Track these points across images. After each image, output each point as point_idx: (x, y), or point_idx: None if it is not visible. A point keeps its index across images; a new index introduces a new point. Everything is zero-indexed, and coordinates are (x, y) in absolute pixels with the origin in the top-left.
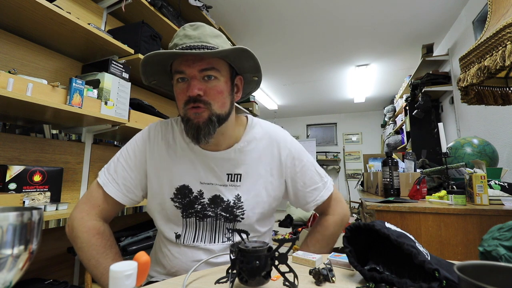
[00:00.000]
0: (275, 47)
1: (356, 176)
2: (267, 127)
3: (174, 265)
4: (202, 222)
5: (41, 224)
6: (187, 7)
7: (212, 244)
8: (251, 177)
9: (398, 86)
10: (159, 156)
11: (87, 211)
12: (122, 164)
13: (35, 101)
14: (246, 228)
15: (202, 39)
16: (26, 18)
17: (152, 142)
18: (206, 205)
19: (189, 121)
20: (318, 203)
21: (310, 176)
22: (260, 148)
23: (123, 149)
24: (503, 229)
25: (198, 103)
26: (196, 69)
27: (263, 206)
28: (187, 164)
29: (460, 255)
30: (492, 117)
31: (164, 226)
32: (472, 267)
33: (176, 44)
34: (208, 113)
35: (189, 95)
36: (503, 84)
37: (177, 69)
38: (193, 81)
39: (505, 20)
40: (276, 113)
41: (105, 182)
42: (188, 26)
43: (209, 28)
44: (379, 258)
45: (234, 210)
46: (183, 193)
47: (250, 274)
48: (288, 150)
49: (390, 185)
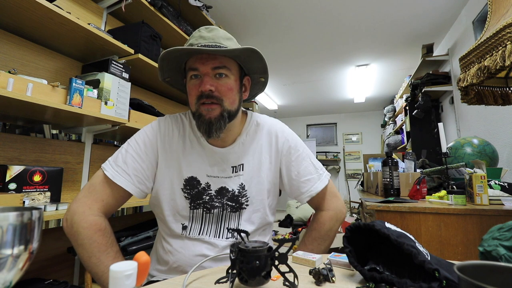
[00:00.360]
0: (275, 47)
1: (356, 176)
2: (266, 118)
3: (176, 259)
4: (209, 215)
5: (41, 224)
6: (187, 7)
7: (217, 238)
8: (253, 166)
9: (398, 86)
10: (169, 146)
11: (89, 205)
12: (132, 155)
13: (35, 101)
14: (251, 217)
15: (215, 40)
16: (26, 18)
17: (163, 133)
18: (213, 196)
19: (201, 117)
20: (312, 194)
21: (305, 166)
22: (260, 137)
23: (131, 141)
24: (503, 229)
25: (210, 98)
26: (209, 67)
27: (265, 193)
28: (195, 156)
29: (460, 255)
30: (492, 117)
31: (171, 217)
32: (472, 267)
33: (191, 44)
34: (220, 109)
35: (202, 90)
36: (503, 84)
37: (191, 66)
38: (206, 77)
39: (505, 20)
40: (276, 113)
41: (114, 174)
42: (203, 28)
43: (223, 31)
44: (379, 258)
45: (239, 199)
46: (191, 184)
47: (250, 274)
48: (285, 139)
49: (390, 185)
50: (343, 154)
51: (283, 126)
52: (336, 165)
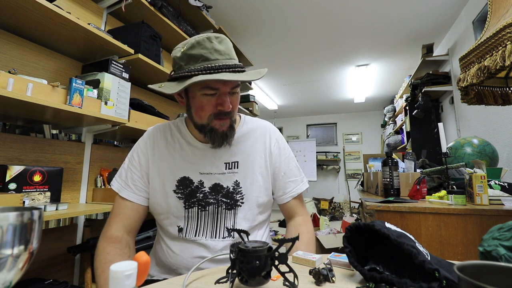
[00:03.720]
0: (275, 47)
1: (356, 176)
2: (258, 121)
3: (175, 262)
4: (204, 212)
5: (41, 224)
6: (187, 7)
7: (213, 239)
8: (248, 164)
9: (398, 86)
10: (159, 153)
11: (109, 223)
12: (130, 168)
13: (35, 101)
14: (247, 215)
15: (230, 55)
16: (26, 18)
17: (152, 141)
18: (207, 193)
19: (213, 130)
20: (294, 194)
21: (291, 168)
22: (254, 137)
23: (129, 155)
24: (503, 229)
25: (227, 115)
26: (229, 87)
27: (260, 190)
28: (186, 157)
29: (460, 255)
30: (492, 117)
31: (166, 221)
32: (472, 267)
33: (205, 57)
34: (230, 121)
35: (224, 110)
36: (503, 84)
37: (211, 85)
38: (225, 97)
39: (505, 20)
40: (276, 113)
41: (119, 188)
42: (213, 38)
43: (228, 40)
44: (379, 258)
45: (234, 196)
46: (184, 184)
47: (250, 274)
48: (276, 140)
49: (390, 185)
50: (343, 154)
51: (274, 127)
52: (336, 165)
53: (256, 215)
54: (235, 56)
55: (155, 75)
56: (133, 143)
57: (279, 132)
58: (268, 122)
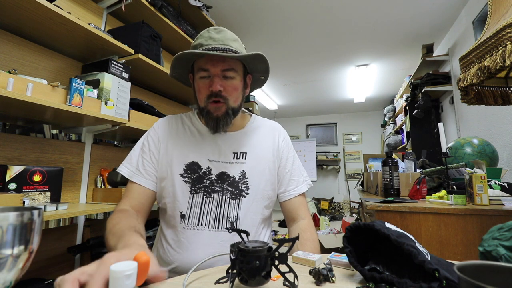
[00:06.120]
0: (275, 47)
1: (356, 176)
2: (268, 120)
3: (175, 260)
4: (209, 199)
5: (41, 224)
6: (187, 7)
7: (216, 230)
8: (256, 156)
9: (398, 86)
10: (170, 138)
11: (119, 204)
12: (141, 154)
13: (35, 101)
14: (251, 207)
15: (224, 42)
16: (26, 18)
17: (163, 128)
18: (214, 181)
19: (209, 113)
20: (295, 193)
21: (295, 167)
22: (263, 133)
23: (140, 141)
24: (503, 229)
25: (218, 97)
26: (219, 69)
27: (266, 183)
28: (196, 143)
29: (460, 255)
30: (492, 117)
31: (170, 204)
32: (472, 267)
33: (201, 44)
34: (226, 107)
35: (212, 90)
36: (503, 84)
37: (202, 67)
38: (216, 78)
39: (505, 20)
40: (276, 113)
41: (130, 174)
42: (212, 29)
43: (230, 32)
44: (379, 258)
45: (240, 185)
46: (192, 169)
47: (250, 274)
48: (283, 138)
49: (390, 185)
50: (343, 154)
51: (282, 128)
52: (336, 165)
53: (262, 208)
54: (233, 44)
55: (155, 75)
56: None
57: (287, 133)
58: (277, 123)
